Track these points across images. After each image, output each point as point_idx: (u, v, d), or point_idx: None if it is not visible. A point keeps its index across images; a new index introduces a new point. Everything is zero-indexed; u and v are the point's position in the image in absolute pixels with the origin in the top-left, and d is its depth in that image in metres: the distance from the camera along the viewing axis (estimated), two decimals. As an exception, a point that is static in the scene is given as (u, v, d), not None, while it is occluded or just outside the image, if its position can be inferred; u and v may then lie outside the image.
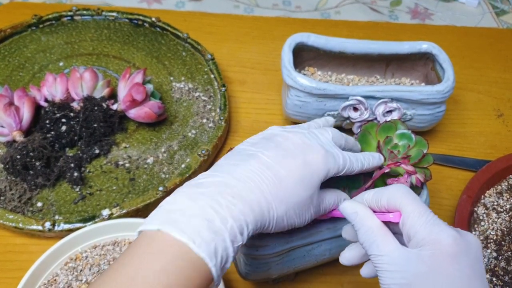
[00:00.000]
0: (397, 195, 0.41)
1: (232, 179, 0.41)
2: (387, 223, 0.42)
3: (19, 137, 0.68)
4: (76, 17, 0.90)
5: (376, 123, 0.60)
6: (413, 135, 0.57)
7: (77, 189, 0.67)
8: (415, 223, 0.39)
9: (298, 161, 0.44)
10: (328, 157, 0.46)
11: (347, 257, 0.46)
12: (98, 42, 0.87)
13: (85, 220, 0.62)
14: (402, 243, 0.40)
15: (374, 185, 0.53)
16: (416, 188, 0.51)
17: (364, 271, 0.46)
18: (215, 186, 0.40)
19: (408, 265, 0.38)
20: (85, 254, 0.60)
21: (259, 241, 0.51)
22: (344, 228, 0.48)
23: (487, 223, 0.67)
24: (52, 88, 0.73)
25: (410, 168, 0.49)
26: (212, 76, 0.83)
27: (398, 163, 0.49)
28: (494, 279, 0.62)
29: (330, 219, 0.52)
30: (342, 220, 0.51)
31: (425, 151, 0.56)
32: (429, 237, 0.38)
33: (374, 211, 0.43)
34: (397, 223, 0.41)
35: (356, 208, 0.43)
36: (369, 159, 0.51)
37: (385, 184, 0.53)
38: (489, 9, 1.13)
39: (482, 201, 0.70)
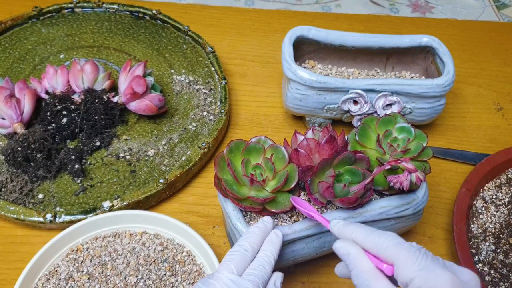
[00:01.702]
0: (387, 248, 0.41)
1: None
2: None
3: (20, 129, 0.68)
4: (76, 9, 0.90)
5: (376, 116, 0.60)
6: (412, 129, 0.57)
7: (78, 181, 0.67)
8: (409, 271, 0.38)
9: None
10: None
11: (340, 272, 0.47)
12: (99, 34, 0.87)
13: (86, 212, 0.63)
14: (395, 283, 0.40)
15: (374, 181, 0.54)
16: (416, 184, 0.51)
17: (339, 271, 0.47)
18: None
19: None
20: (86, 245, 0.61)
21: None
22: (337, 266, 0.47)
23: (485, 216, 0.67)
24: (53, 80, 0.73)
25: (411, 166, 0.49)
26: (212, 69, 0.83)
27: (399, 161, 0.49)
28: (492, 272, 0.62)
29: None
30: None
31: (424, 145, 0.56)
32: (426, 285, 0.37)
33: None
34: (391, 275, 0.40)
35: (348, 249, 0.43)
36: (271, 250, 0.49)
37: (385, 179, 0.53)
38: (490, 3, 1.13)
39: (481, 194, 0.70)
